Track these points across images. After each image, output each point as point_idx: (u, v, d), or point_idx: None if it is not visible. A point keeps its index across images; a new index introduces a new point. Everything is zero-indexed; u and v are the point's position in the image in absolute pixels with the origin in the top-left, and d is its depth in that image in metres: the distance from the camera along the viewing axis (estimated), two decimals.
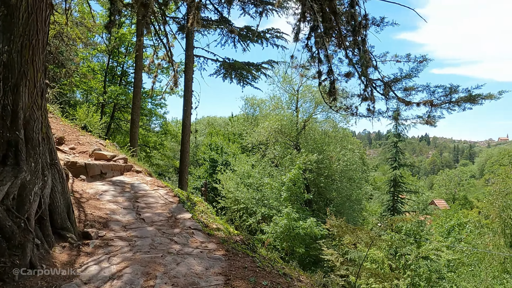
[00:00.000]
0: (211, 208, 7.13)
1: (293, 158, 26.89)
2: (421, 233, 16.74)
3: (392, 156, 20.62)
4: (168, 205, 5.91)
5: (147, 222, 5.08)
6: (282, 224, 22.69)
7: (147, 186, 6.93)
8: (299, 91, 29.53)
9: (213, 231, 5.17)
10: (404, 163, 20.72)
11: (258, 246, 5.53)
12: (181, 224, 5.07)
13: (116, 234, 4.56)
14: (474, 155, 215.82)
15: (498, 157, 75.81)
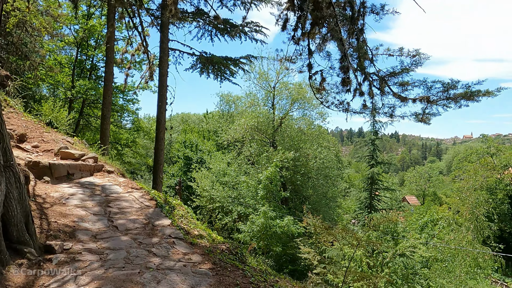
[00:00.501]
0: (191, 211, 6.58)
1: (270, 156, 26.54)
2: (398, 230, 16.75)
3: (369, 154, 20.63)
4: (144, 210, 5.31)
5: (121, 231, 4.48)
6: (259, 223, 22.29)
7: (120, 188, 6.28)
8: (276, 88, 29.19)
9: (196, 239, 4.64)
10: (381, 161, 20.79)
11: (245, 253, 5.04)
12: (159, 232, 4.51)
13: (84, 246, 3.95)
14: (441, 152, 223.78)
15: (465, 154, 78.39)
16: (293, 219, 23.04)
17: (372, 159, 20.29)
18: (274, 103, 29.41)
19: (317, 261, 22.25)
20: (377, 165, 20.80)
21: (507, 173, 34.00)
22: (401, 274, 16.31)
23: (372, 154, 20.46)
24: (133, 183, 6.73)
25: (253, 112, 29.72)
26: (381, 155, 25.09)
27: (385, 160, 21.06)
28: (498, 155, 35.59)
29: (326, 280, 21.04)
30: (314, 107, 28.86)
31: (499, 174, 34.00)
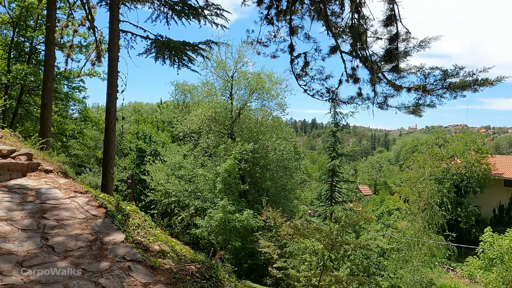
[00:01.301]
0: (149, 219, 5.59)
1: (228, 148, 25.67)
2: (360, 223, 16.65)
3: (330, 146, 20.41)
4: (90, 222, 4.28)
5: (59, 253, 3.47)
6: (218, 218, 21.47)
7: (60, 192, 5.16)
8: (234, 77, 28.22)
9: (157, 258, 3.74)
10: (341, 153, 20.68)
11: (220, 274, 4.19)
12: (111, 253, 3.54)
13: (3, 281, 2.92)
14: (389, 142, 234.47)
15: (412, 145, 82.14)
16: (252, 213, 22.44)
17: (333, 151, 20.10)
18: (232, 93, 28.46)
19: (277, 255, 21.90)
20: (338, 157, 20.67)
21: (453, 163, 35.70)
22: (362, 266, 16.28)
23: (333, 146, 20.27)
24: (77, 185, 5.60)
25: (210, 102, 28.60)
26: (342, 147, 25.29)
27: (345, 152, 21.00)
28: (445, 146, 37.25)
29: (287, 275, 20.73)
30: (273, 98, 28.33)
31: (446, 164, 35.65)
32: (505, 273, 18.59)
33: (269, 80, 28.35)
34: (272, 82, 28.40)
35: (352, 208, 18.91)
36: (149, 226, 5.00)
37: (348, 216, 16.57)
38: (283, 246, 21.72)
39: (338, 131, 20.38)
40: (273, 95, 28.43)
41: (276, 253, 21.88)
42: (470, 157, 33.80)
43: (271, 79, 28.42)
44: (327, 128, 21.94)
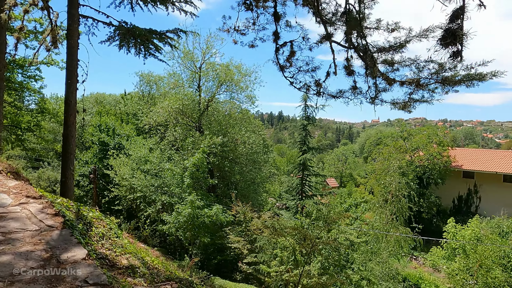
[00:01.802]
0: (115, 226, 4.98)
1: (196, 141, 24.97)
2: (331, 218, 16.58)
3: (301, 140, 20.20)
4: (45, 234, 3.66)
5: (3, 278, 2.87)
6: (186, 213, 20.82)
7: (9, 198, 4.46)
8: (202, 68, 27.41)
9: (126, 277, 3.20)
10: (312, 146, 20.52)
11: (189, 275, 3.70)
12: (69, 276, 2.97)
13: None
14: (353, 135, 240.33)
15: (375, 137, 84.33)
16: (222, 208, 21.97)
17: (304, 145, 19.91)
18: (200, 84, 27.67)
19: (247, 250, 21.61)
20: (309, 150, 20.53)
21: (416, 155, 36.74)
22: (332, 260, 16.27)
23: (304, 139, 20.07)
24: (30, 188, 4.89)
25: (177, 94, 27.68)
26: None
27: (315, 145, 20.86)
28: (409, 139, 38.24)
29: (257, 270, 20.48)
30: (242, 90, 27.80)
31: (410, 157, 36.64)
32: (467, 262, 19.27)
33: (238, 72, 27.79)
34: (241, 74, 27.88)
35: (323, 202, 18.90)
36: (116, 235, 4.41)
37: (321, 211, 16.49)
38: (253, 241, 21.46)
39: (309, 124, 20.23)
40: (242, 87, 27.93)
41: (246, 248, 21.58)
42: (433, 150, 34.86)
43: (240, 71, 27.89)
44: (297, 121, 21.74)
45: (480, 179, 35.21)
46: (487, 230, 20.50)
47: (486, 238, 19.67)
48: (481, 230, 20.49)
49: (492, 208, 32.94)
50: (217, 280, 20.08)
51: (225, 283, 19.52)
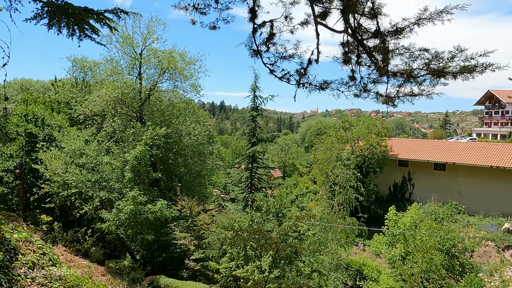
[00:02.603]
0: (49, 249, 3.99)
1: (138, 133, 23.44)
2: (283, 210, 16.37)
3: (250, 131, 19.64)
4: None
5: None
6: (128, 210, 19.45)
7: None
8: (143, 54, 25.69)
9: None
10: (261, 138, 20.08)
11: None
12: None
13: None
14: (293, 125, 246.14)
15: (316, 127, 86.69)
16: (166, 203, 20.86)
17: (253, 137, 19.38)
18: (141, 72, 25.94)
19: (195, 246, 20.81)
20: (258, 142, 20.07)
21: (357, 145, 38.05)
22: (284, 254, 16.07)
23: (253, 131, 19.53)
24: None
25: (115, 82, 25.74)
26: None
27: (264, 137, 20.50)
28: (350, 130, 39.47)
29: (205, 266, 19.81)
30: (187, 79, 26.56)
31: (351, 147, 37.87)
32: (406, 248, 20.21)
33: (182, 60, 26.48)
34: (185, 62, 26.59)
35: (274, 194, 18.64)
36: (51, 261, 3.47)
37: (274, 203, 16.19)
38: (201, 236, 20.72)
39: (258, 115, 19.74)
40: (186, 75, 26.68)
41: (193, 244, 20.77)
42: (372, 140, 36.28)
43: (184, 59, 26.60)
44: (246, 112, 21.14)
45: (414, 167, 37.40)
46: (424, 217, 21.65)
47: (424, 224, 20.74)
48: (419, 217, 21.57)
49: (424, 194, 35.21)
50: (162, 279, 19.09)
51: (171, 282, 18.59)
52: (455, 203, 21.31)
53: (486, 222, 30.02)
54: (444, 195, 34.05)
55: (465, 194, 33.56)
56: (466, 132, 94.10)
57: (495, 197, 31.73)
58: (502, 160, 31.95)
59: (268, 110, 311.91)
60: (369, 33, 3.86)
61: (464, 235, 23.75)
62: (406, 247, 20.46)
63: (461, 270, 20.05)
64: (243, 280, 15.50)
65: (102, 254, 22.73)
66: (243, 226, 16.50)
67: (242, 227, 16.61)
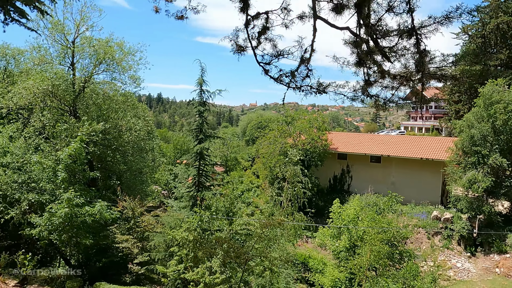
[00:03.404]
0: None
1: (72, 128, 21.52)
2: (234, 209, 15.94)
3: (197, 127, 18.81)
4: None
5: None
6: (62, 214, 17.76)
7: None
8: (76, 43, 23.57)
9: None
10: (209, 134, 19.36)
11: None
12: None
13: None
14: (232, 118, 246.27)
15: (257, 121, 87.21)
16: (106, 204, 19.42)
17: (200, 133, 18.61)
18: (74, 62, 23.80)
19: (138, 249, 19.69)
20: (206, 139, 19.35)
21: (299, 139, 38.75)
22: (234, 254, 15.68)
23: (200, 127, 18.74)
24: None
25: (44, 72, 23.36)
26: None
27: (212, 133, 19.79)
28: (292, 124, 40.06)
29: (150, 270, 18.83)
30: (125, 71, 24.91)
31: (293, 141, 38.45)
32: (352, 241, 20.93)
33: (120, 50, 24.76)
34: (124, 52, 24.92)
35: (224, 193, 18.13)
36: None
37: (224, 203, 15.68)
38: (145, 238, 19.62)
39: (206, 111, 19.01)
40: (125, 67, 25.03)
41: (137, 247, 19.62)
42: (314, 134, 37.16)
43: (122, 49, 24.90)
44: (194, 107, 20.29)
45: (352, 160, 39.00)
46: (366, 208, 22.54)
47: (366, 215, 21.59)
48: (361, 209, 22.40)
49: (362, 185, 36.91)
50: (103, 286, 17.80)
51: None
52: (395, 194, 22.43)
53: (417, 210, 32.15)
54: (380, 186, 36.01)
55: (398, 184, 35.66)
56: (395, 125, 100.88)
57: (424, 187, 34.14)
58: (430, 152, 34.46)
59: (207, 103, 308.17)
60: (387, 31, 3.54)
61: (402, 225, 25.17)
62: (350, 239, 21.19)
63: (400, 258, 21.22)
64: (193, 283, 14.89)
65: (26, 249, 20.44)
66: (192, 226, 15.80)
67: (191, 227, 15.95)
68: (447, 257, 27.15)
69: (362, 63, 3.86)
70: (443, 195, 34.57)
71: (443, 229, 29.14)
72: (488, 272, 25.88)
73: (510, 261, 25.72)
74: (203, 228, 16.27)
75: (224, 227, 15.86)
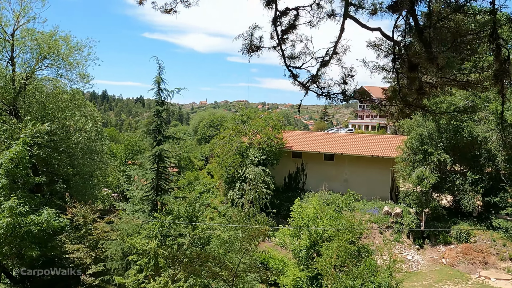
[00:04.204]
0: None
1: (13, 129, 19.60)
2: (197, 214, 15.33)
3: (155, 128, 17.81)
4: None
5: None
6: (4, 224, 16.11)
7: None
8: (16, 35, 21.50)
9: None
10: (168, 135, 18.40)
11: None
12: None
13: None
14: (182, 116, 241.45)
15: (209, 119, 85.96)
16: (54, 211, 17.91)
17: (159, 134, 17.65)
18: (13, 56, 21.70)
19: (92, 258, 18.42)
20: (166, 140, 18.41)
21: (255, 138, 38.63)
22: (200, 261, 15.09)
23: (158, 128, 17.79)
24: None
25: None
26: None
27: (171, 134, 18.83)
28: (248, 123, 39.81)
29: (106, 280, 17.67)
30: (73, 67, 23.19)
31: (249, 140, 38.26)
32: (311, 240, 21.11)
33: (66, 45, 23.00)
34: (70, 47, 23.19)
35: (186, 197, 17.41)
36: None
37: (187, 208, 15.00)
38: (99, 247, 18.32)
39: (164, 110, 18.09)
40: (72, 63, 23.31)
41: (90, 257, 18.30)
42: (270, 133, 37.20)
43: (69, 43, 23.16)
44: (151, 107, 19.21)
45: (306, 158, 39.56)
46: (325, 207, 22.87)
47: (326, 214, 21.91)
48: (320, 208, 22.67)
49: (316, 183, 37.60)
50: None
51: None
52: (353, 192, 22.95)
53: (369, 206, 33.29)
54: (333, 183, 36.94)
55: (351, 181, 36.73)
56: (344, 123, 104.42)
57: (375, 183, 35.47)
58: (381, 150, 35.87)
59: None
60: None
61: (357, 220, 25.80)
62: (310, 238, 21.38)
63: (358, 254, 21.78)
64: None
65: None
66: (153, 233, 15.00)
67: (151, 234, 15.13)
68: (398, 250, 28.40)
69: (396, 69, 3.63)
70: (392, 190, 36.18)
71: (394, 223, 30.45)
72: (435, 262, 27.45)
73: (455, 251, 27.45)
74: (164, 234, 15.52)
75: (186, 232, 15.18)
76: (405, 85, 3.82)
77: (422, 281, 24.71)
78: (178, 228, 15.32)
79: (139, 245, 14.54)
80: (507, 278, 24.09)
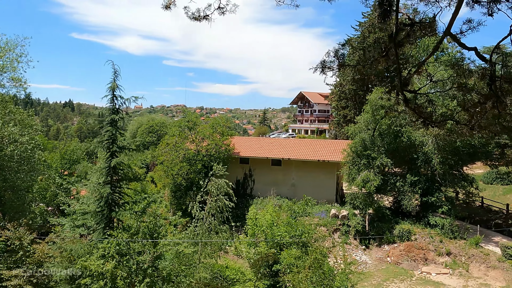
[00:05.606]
0: None
1: None
2: (158, 229, 14.41)
3: (109, 138, 16.36)
4: None
5: None
6: None
7: None
8: None
9: None
10: (123, 145, 16.98)
11: None
12: None
13: None
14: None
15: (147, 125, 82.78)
16: None
17: (113, 144, 16.27)
18: None
19: (32, 284, 16.54)
20: (121, 151, 17.05)
21: (201, 145, 37.79)
22: (160, 280, 14.19)
23: (113, 138, 16.38)
24: None
25: None
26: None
27: (126, 144, 17.39)
28: (194, 129, 38.86)
29: None
30: (4, 71, 20.79)
31: (196, 146, 37.34)
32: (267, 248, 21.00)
33: None
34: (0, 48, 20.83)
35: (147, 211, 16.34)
36: None
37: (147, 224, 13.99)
38: (41, 271, 16.45)
39: (120, 119, 16.74)
40: (2, 66, 20.92)
41: (30, 283, 16.36)
42: (217, 139, 36.64)
43: None
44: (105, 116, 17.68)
45: (254, 164, 39.58)
46: (282, 214, 22.93)
47: (282, 221, 21.95)
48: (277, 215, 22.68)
49: (264, 188, 37.78)
50: None
51: None
52: (309, 198, 23.26)
53: (317, 209, 34.09)
54: (281, 188, 37.41)
55: (298, 185, 37.42)
56: (284, 128, 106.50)
57: (321, 187, 36.46)
58: (326, 154, 36.98)
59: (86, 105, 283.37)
60: None
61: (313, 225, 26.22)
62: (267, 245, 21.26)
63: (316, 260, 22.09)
64: None
65: None
66: (109, 252, 13.80)
67: (107, 254, 13.91)
68: (347, 252, 29.40)
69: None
70: (337, 193, 37.47)
71: (342, 225, 31.50)
72: (381, 262, 28.83)
73: (398, 250, 29.06)
74: (121, 252, 14.36)
75: (146, 250, 14.21)
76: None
77: (371, 281, 25.75)
78: (136, 245, 14.27)
79: (94, 267, 13.29)
80: (446, 272, 25.99)
